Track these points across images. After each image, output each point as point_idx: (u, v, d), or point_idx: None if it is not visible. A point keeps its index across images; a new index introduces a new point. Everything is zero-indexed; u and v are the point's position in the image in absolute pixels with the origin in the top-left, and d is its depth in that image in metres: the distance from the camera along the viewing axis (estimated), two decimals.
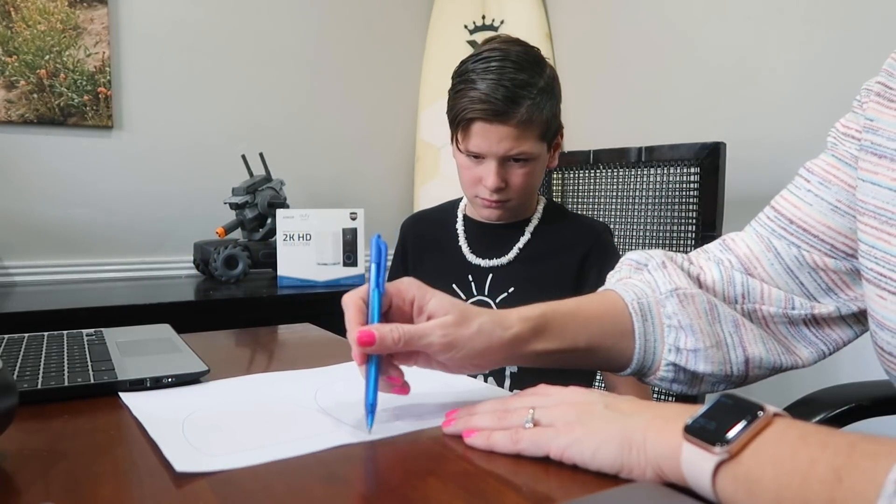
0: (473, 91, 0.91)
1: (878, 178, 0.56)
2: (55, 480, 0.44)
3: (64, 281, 1.76)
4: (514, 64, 0.91)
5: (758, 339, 0.63)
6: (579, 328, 0.61)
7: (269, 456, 0.47)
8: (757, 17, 1.52)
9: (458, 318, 0.55)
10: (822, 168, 0.64)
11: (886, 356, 0.56)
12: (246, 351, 0.94)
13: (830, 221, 0.63)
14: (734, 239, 0.69)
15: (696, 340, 0.61)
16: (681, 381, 0.63)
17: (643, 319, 0.63)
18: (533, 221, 1.03)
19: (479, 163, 0.95)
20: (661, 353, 0.63)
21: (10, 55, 1.68)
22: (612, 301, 0.64)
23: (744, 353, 0.62)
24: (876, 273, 0.56)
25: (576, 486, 0.44)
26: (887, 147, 0.56)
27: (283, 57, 2.05)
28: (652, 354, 0.63)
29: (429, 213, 1.15)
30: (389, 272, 1.15)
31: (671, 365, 0.62)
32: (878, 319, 0.56)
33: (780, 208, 0.66)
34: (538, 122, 0.92)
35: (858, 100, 0.63)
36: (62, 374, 0.65)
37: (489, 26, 2.12)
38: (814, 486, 0.35)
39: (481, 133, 0.92)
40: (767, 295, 0.65)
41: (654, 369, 0.64)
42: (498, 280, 1.00)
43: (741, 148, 1.39)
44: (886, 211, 0.55)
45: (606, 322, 0.63)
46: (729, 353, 0.62)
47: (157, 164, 1.88)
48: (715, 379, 0.63)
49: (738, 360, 0.62)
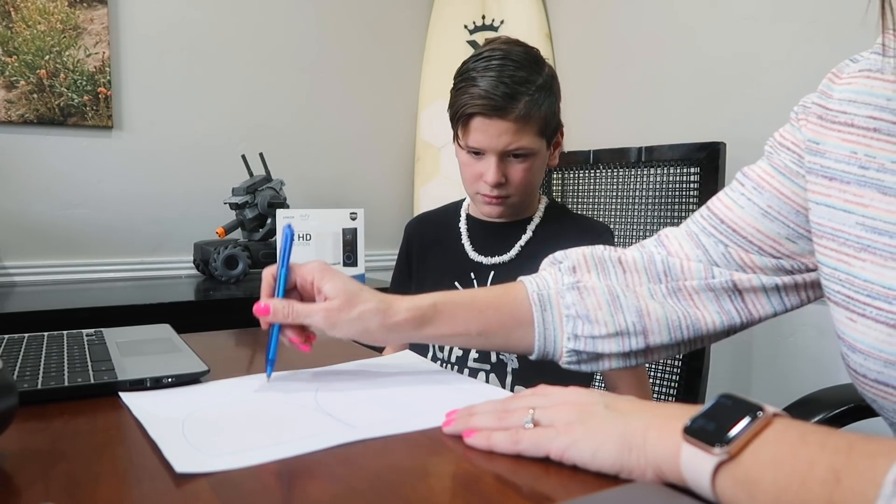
0: (474, 88, 0.93)
1: (832, 199, 0.57)
2: (55, 480, 0.44)
3: (64, 281, 1.76)
4: (514, 63, 0.93)
5: (663, 327, 0.67)
6: (471, 317, 0.69)
7: (269, 456, 0.47)
8: (757, 16, 1.52)
9: (342, 303, 0.66)
10: (757, 174, 0.67)
11: (861, 378, 0.55)
12: (246, 351, 0.94)
13: (760, 225, 0.65)
14: (668, 235, 0.72)
15: (594, 328, 0.67)
16: (586, 362, 0.70)
17: (542, 309, 0.70)
18: (535, 220, 1.04)
19: (480, 159, 0.97)
20: (562, 340, 0.69)
21: (10, 55, 1.68)
22: (514, 292, 0.72)
23: (644, 340, 0.67)
24: (843, 296, 0.56)
25: (576, 486, 0.44)
26: (836, 169, 0.57)
27: (283, 57, 2.05)
28: (553, 342, 0.70)
29: (432, 214, 1.16)
30: (394, 272, 1.16)
31: (572, 351, 0.69)
32: (849, 342, 0.55)
33: (713, 209, 0.69)
34: (536, 118, 0.94)
35: (796, 113, 0.65)
36: (62, 374, 0.65)
37: (489, 26, 2.12)
38: (813, 487, 0.35)
39: (481, 128, 0.94)
40: (687, 269, 0.68)
41: (558, 355, 0.70)
42: (500, 277, 1.00)
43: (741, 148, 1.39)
44: (843, 232, 0.56)
45: (504, 311, 0.70)
46: (630, 340, 0.67)
47: (156, 165, 1.88)
48: (618, 359, 0.69)
49: (639, 345, 0.67)
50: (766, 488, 0.37)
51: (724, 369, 1.58)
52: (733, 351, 1.58)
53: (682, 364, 1.23)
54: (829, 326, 0.61)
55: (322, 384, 0.68)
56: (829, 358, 1.39)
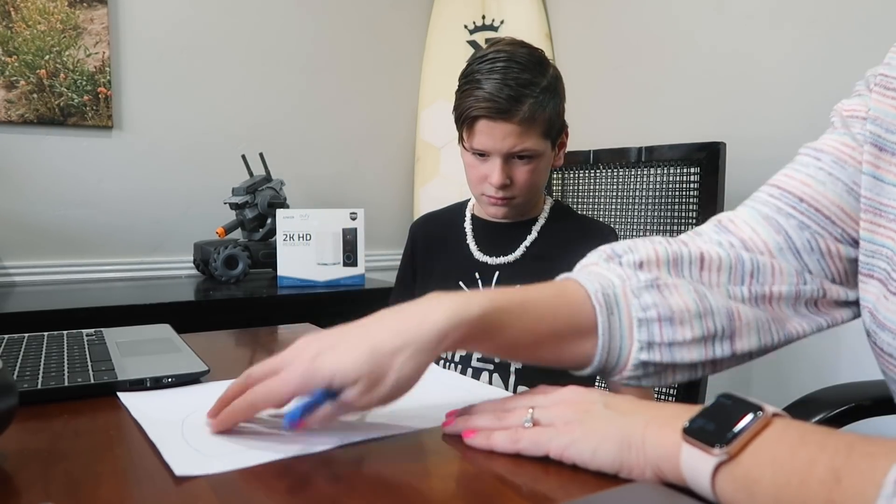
0: (478, 90, 0.93)
1: (880, 172, 0.55)
2: (55, 480, 0.44)
3: (64, 281, 1.76)
4: (518, 65, 0.93)
5: (752, 329, 0.58)
6: (527, 325, 0.54)
7: (269, 456, 0.47)
8: (757, 16, 1.52)
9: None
10: (835, 147, 0.59)
11: (886, 357, 0.55)
12: (246, 351, 0.94)
13: (845, 204, 0.58)
14: (732, 220, 0.63)
15: (677, 333, 0.55)
16: (649, 377, 0.57)
17: (609, 313, 0.56)
18: (540, 221, 1.05)
19: (485, 161, 0.98)
20: (630, 351, 0.56)
21: (10, 55, 1.68)
22: (571, 293, 0.57)
23: (731, 346, 0.57)
24: (884, 272, 0.54)
25: (576, 486, 0.44)
26: (887, 139, 0.55)
27: (283, 57, 2.05)
28: (616, 352, 0.56)
29: (437, 214, 1.17)
30: (399, 272, 1.16)
31: (641, 364, 0.56)
32: (879, 320, 0.55)
33: (786, 186, 0.60)
34: (541, 120, 0.94)
35: (865, 84, 0.60)
36: (62, 374, 0.65)
37: (489, 26, 2.12)
38: (813, 487, 0.35)
39: (486, 131, 0.95)
40: (779, 272, 0.59)
41: (620, 369, 0.57)
42: (505, 278, 1.01)
43: (741, 147, 1.39)
44: (891, 208, 0.54)
45: (561, 318, 0.56)
46: (716, 347, 0.57)
47: (157, 164, 1.88)
48: (688, 372, 0.58)
49: (724, 353, 0.57)
50: (765, 488, 0.37)
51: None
52: None
53: None
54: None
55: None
56: (829, 358, 1.39)
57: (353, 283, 1.72)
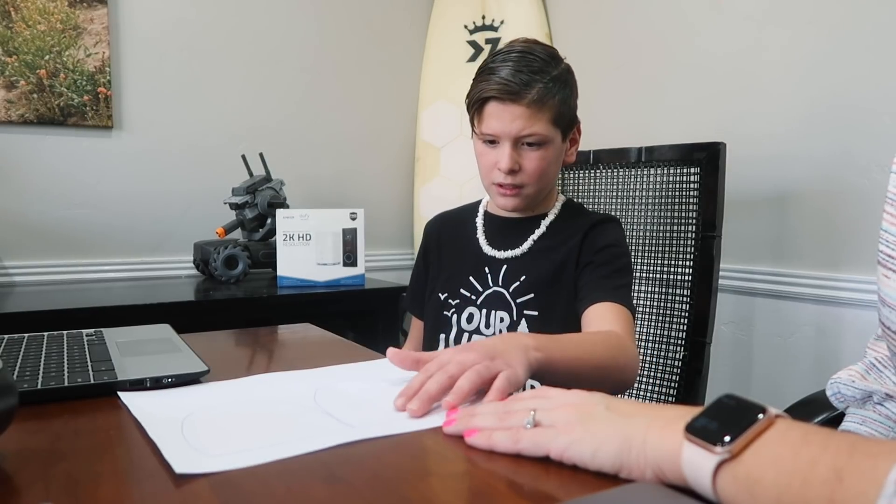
0: (492, 76, 0.96)
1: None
2: (55, 480, 0.44)
3: (64, 281, 1.76)
4: (532, 55, 0.97)
5: None
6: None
7: (269, 456, 0.47)
8: (757, 17, 1.52)
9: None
10: None
11: (892, 334, 0.59)
12: (246, 351, 0.94)
13: None
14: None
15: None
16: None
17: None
18: (550, 216, 1.05)
19: (494, 147, 0.99)
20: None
21: (10, 55, 1.68)
22: None
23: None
24: (885, 255, 0.60)
25: (576, 486, 0.44)
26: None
27: (283, 57, 2.05)
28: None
29: (451, 213, 1.19)
30: (413, 270, 1.19)
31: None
32: (881, 297, 0.60)
33: None
34: (550, 105, 0.96)
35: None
36: (62, 374, 0.65)
37: (489, 26, 2.12)
38: (814, 487, 0.35)
39: (495, 113, 0.96)
40: None
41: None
42: (511, 270, 1.02)
43: (741, 148, 1.39)
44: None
45: None
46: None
47: (157, 165, 1.88)
48: None
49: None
50: (767, 487, 0.37)
51: (724, 369, 1.58)
52: (733, 351, 1.58)
53: (682, 364, 1.23)
54: (828, 326, 0.61)
55: (322, 384, 0.68)
56: (829, 358, 1.39)
57: (352, 283, 1.72)
